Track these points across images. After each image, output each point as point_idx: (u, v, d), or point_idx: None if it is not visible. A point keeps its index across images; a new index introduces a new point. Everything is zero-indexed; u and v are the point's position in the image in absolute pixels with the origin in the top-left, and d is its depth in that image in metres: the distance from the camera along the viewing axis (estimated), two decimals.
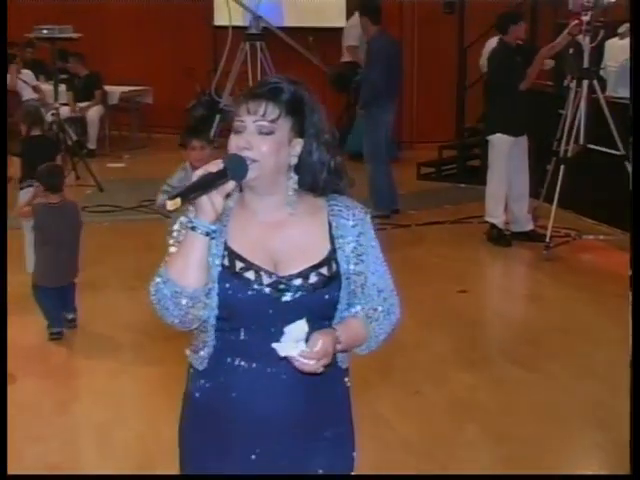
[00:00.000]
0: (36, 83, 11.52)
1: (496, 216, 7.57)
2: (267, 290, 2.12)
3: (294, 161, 2.14)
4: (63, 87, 10.41)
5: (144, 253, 6.38)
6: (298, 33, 10.41)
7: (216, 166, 2.03)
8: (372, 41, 8.32)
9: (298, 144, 2.14)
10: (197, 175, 2.03)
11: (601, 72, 8.53)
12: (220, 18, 11.18)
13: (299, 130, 2.13)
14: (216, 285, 2.12)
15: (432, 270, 6.97)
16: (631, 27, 7.11)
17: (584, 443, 4.46)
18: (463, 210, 8.52)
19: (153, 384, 4.85)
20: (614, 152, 7.10)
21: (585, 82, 7.20)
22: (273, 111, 2.09)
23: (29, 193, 5.93)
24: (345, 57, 10.79)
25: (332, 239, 2.17)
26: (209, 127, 8.57)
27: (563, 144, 7.29)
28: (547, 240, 7.11)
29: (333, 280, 2.16)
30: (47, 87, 10.91)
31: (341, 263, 2.17)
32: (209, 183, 2.02)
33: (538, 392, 4.85)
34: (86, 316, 5.73)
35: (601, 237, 7.61)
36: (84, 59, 11.54)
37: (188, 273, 2.07)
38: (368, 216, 2.23)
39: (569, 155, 7.20)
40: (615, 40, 9.02)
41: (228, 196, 2.10)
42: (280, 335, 2.04)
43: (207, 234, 2.07)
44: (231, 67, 9.49)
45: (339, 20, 11.47)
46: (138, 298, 4.46)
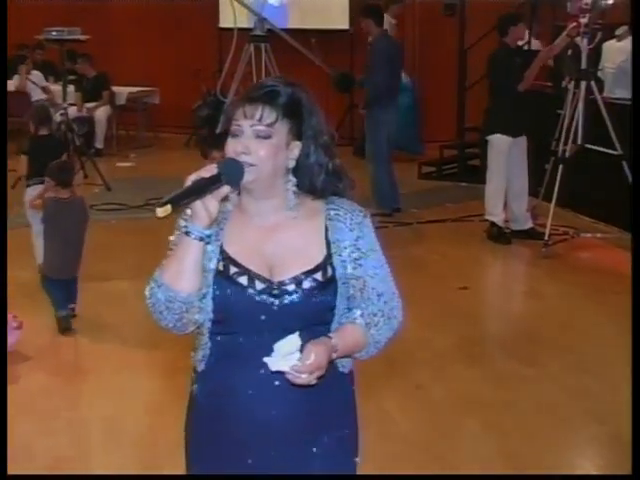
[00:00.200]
0: (45, 84, 11.61)
1: (496, 214, 7.60)
2: (260, 296, 2.08)
3: (292, 164, 2.10)
4: (72, 88, 10.48)
5: (151, 251, 6.42)
6: (302, 35, 10.44)
7: (209, 171, 1.99)
8: (375, 42, 8.38)
9: (296, 147, 2.10)
10: (190, 180, 1.98)
11: (599, 73, 8.59)
12: (225, 20, 11.31)
13: (297, 133, 2.09)
14: (211, 289, 2.09)
15: (433, 267, 7.01)
16: (631, 27, 7.24)
17: (583, 437, 4.48)
18: (464, 209, 8.55)
19: (160, 379, 4.85)
20: (611, 152, 7.14)
21: (583, 83, 7.24)
22: (270, 115, 2.05)
23: (37, 189, 6.03)
24: None
25: (328, 244, 2.12)
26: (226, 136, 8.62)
27: (561, 144, 7.33)
28: (546, 238, 7.15)
29: (328, 285, 2.10)
30: (56, 88, 11.02)
31: (338, 268, 2.11)
32: (202, 189, 1.97)
33: (538, 387, 4.86)
34: (94, 312, 5.76)
35: (599, 235, 7.64)
36: (92, 60, 11.61)
37: (182, 278, 2.04)
38: (367, 219, 2.16)
39: (567, 155, 7.23)
40: (612, 42, 9.07)
41: (226, 199, 2.06)
42: (274, 340, 2.00)
43: (201, 239, 2.03)
44: (236, 68, 9.58)
45: (342, 22, 11.58)
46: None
